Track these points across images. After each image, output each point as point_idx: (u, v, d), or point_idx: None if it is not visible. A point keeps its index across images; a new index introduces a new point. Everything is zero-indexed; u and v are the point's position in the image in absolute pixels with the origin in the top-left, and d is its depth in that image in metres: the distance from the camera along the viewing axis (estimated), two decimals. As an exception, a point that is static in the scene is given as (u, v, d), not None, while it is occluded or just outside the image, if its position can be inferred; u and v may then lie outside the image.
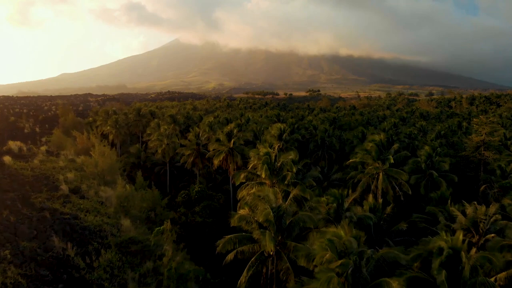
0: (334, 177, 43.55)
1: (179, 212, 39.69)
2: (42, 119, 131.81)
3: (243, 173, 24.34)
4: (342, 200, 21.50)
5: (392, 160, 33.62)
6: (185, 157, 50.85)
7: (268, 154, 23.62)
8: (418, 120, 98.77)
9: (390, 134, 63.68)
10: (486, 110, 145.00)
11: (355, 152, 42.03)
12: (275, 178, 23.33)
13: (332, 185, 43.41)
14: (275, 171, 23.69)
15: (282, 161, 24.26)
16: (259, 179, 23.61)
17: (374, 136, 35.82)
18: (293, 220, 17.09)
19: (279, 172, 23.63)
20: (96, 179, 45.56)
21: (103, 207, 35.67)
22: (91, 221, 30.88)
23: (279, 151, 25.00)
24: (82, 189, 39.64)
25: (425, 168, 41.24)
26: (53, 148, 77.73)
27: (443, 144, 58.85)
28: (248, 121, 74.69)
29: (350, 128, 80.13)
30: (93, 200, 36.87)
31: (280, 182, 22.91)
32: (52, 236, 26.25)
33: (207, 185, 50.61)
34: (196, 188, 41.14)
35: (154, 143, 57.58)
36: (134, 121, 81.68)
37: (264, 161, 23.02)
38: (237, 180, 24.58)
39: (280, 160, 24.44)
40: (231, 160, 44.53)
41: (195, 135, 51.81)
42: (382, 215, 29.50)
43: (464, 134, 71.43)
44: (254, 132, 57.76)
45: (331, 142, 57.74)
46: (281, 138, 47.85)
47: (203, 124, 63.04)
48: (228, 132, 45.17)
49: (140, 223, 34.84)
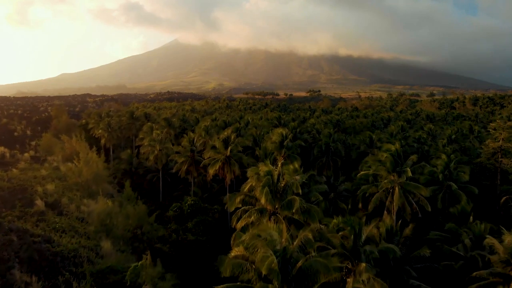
0: (341, 188, 39.59)
1: (169, 229, 35.71)
2: (35, 121, 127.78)
3: (239, 197, 20.36)
4: (360, 230, 17.66)
5: (410, 173, 29.67)
6: (178, 165, 46.86)
7: (269, 174, 19.57)
8: (425, 123, 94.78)
9: (399, 139, 60.00)
10: (492, 112, 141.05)
11: (365, 161, 38.12)
12: (278, 203, 19.34)
13: (339, 197, 39.48)
14: (278, 193, 19.68)
15: (286, 181, 20.22)
16: (258, 204, 19.65)
17: (389, 145, 31.87)
18: (303, 267, 13.18)
19: (283, 195, 19.63)
20: (80, 190, 41.68)
21: (83, 225, 31.74)
22: (65, 244, 26.91)
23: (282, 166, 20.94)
24: (61, 203, 35.70)
25: (442, 179, 37.28)
26: (42, 153, 73.79)
27: (456, 150, 54.85)
28: (247, 124, 70.73)
29: (355, 131, 76.21)
30: (73, 216, 32.95)
31: (284, 209, 18.88)
32: (15, 268, 22.31)
33: (203, 195, 46.66)
34: (189, 201, 37.17)
35: (146, 149, 53.57)
36: (127, 124, 77.55)
37: (265, 183, 19.02)
38: (231, 205, 20.59)
39: (284, 180, 20.39)
40: (228, 169, 40.58)
41: (189, 140, 47.80)
42: (400, 238, 25.59)
43: (476, 139, 67.51)
44: (253, 137, 53.78)
45: (336, 148, 53.81)
46: (282, 145, 43.95)
47: (199, 128, 59.02)
48: (224, 139, 41.20)
49: (124, 243, 30.91)
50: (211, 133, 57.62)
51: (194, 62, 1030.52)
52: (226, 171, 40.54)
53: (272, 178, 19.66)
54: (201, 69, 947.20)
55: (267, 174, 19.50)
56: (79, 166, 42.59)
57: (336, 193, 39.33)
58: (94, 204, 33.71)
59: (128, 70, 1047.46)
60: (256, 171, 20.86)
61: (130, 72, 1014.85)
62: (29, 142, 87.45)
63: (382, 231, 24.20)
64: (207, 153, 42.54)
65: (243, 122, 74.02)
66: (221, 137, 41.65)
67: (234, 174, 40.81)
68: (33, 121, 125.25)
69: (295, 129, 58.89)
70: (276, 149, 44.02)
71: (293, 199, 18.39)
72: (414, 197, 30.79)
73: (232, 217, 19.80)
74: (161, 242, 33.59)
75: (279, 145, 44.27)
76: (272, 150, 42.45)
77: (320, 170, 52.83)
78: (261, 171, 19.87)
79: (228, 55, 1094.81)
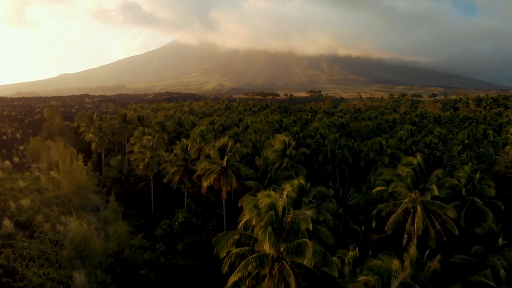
0: (351, 203, 35.46)
1: (157, 250, 31.55)
2: (27, 123, 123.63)
3: (232, 237, 15.84)
4: (389, 279, 13.62)
5: (436, 192, 25.47)
6: (170, 175, 42.63)
7: (273, 208, 15.11)
8: (433, 126, 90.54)
9: (409, 144, 55.85)
10: (500, 114, 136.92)
11: (379, 173, 33.98)
12: (284, 246, 14.94)
13: (348, 212, 35.35)
14: (284, 232, 15.26)
15: (294, 214, 15.75)
16: (258, 245, 15.28)
17: (411, 159, 27.69)
18: None
19: (289, 235, 15.16)
20: (60, 204, 37.58)
21: (56, 249, 27.59)
22: (30, 277, 22.81)
23: (288, 196, 16.59)
24: (35, 222, 31.57)
25: (465, 194, 33.10)
26: (29, 158, 69.66)
27: (471, 157, 50.72)
28: (246, 128, 66.54)
29: (361, 135, 72.06)
30: (46, 239, 28.81)
31: (292, 254, 14.51)
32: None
33: (197, 208, 42.50)
34: (180, 218, 33.00)
35: (136, 156, 49.37)
36: (119, 128, 73.20)
37: (268, 221, 14.60)
38: (222, 250, 16.08)
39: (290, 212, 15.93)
40: (224, 181, 36.41)
41: (182, 148, 43.57)
42: (426, 272, 21.49)
43: (490, 144, 63.32)
44: (253, 144, 49.54)
45: (342, 155, 49.65)
46: (285, 153, 39.82)
47: (194, 134, 54.71)
48: (221, 147, 37.00)
49: (104, 271, 26.79)
50: (208, 139, 53.40)
51: (194, 63, 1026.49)
52: (222, 183, 36.38)
53: (276, 212, 15.35)
54: (201, 69, 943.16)
55: (270, 209, 15.14)
56: (59, 177, 38.40)
57: (345, 207, 35.20)
58: (74, 221, 29.47)
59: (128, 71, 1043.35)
60: (253, 203, 16.48)
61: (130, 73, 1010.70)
62: (18, 146, 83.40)
63: (407, 264, 20.08)
64: (200, 163, 38.35)
65: (242, 125, 69.82)
66: (217, 145, 37.42)
67: (231, 186, 36.65)
68: (25, 124, 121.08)
69: (298, 134, 54.63)
70: (278, 158, 39.87)
71: (304, 244, 14.04)
72: (438, 218, 26.64)
73: (225, 261, 15.57)
74: (147, 267, 29.47)
75: (281, 154, 40.15)
76: (274, 159, 38.28)
77: (325, 179, 48.66)
78: (262, 204, 15.51)
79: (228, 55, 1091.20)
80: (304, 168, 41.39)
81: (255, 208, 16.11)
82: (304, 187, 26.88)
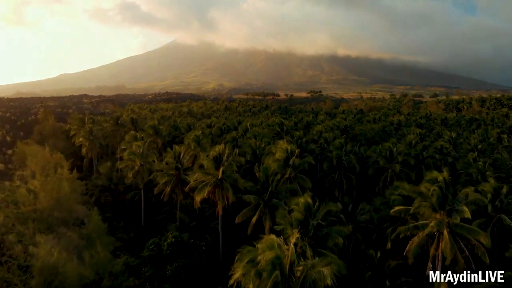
0: (362, 219, 31.76)
1: (143, 275, 27.79)
2: (20, 125, 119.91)
3: None
4: None
5: (468, 214, 21.76)
6: (160, 185, 38.84)
7: (278, 263, 11.23)
8: (440, 128, 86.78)
9: (419, 150, 52.17)
10: (507, 115, 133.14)
11: (395, 186, 30.22)
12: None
13: (359, 230, 31.68)
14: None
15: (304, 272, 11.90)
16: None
17: (436, 174, 23.93)
18: None
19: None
20: (37, 220, 33.91)
21: (25, 278, 23.92)
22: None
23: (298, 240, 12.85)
24: (6, 243, 27.89)
25: (491, 211, 29.37)
26: (15, 164, 65.98)
27: (489, 165, 46.97)
28: (246, 131, 62.75)
29: (366, 138, 68.32)
30: (14, 265, 25.13)
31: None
32: None
33: (190, 222, 38.72)
34: (170, 238, 29.25)
35: (125, 163, 45.61)
36: (111, 131, 69.38)
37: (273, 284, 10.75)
38: None
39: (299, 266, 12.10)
40: (219, 195, 32.68)
41: (174, 156, 39.79)
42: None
43: (505, 149, 59.60)
44: (252, 150, 45.79)
45: (349, 162, 45.94)
46: (288, 163, 36.09)
47: (188, 139, 50.88)
48: (216, 157, 33.25)
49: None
50: (203, 144, 49.58)
51: (193, 63, 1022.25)
52: (218, 197, 32.65)
53: (283, 270, 11.55)
54: (200, 70, 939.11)
55: (274, 267, 11.21)
56: (36, 189, 34.66)
57: (355, 224, 31.50)
58: (43, 246, 25.78)
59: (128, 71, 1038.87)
60: (251, 256, 12.55)
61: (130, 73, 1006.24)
62: (6, 150, 79.66)
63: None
64: (194, 174, 34.59)
65: (241, 128, 66.03)
66: (211, 154, 33.66)
67: (228, 200, 32.92)
68: (17, 126, 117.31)
69: (301, 139, 50.86)
70: (280, 169, 36.14)
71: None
72: (467, 243, 22.91)
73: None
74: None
75: (284, 164, 36.40)
76: (275, 170, 34.61)
77: (330, 189, 44.98)
78: (263, 259, 11.65)
79: (228, 55, 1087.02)
80: (308, 179, 37.66)
81: (252, 264, 12.23)
82: (311, 206, 23.19)
